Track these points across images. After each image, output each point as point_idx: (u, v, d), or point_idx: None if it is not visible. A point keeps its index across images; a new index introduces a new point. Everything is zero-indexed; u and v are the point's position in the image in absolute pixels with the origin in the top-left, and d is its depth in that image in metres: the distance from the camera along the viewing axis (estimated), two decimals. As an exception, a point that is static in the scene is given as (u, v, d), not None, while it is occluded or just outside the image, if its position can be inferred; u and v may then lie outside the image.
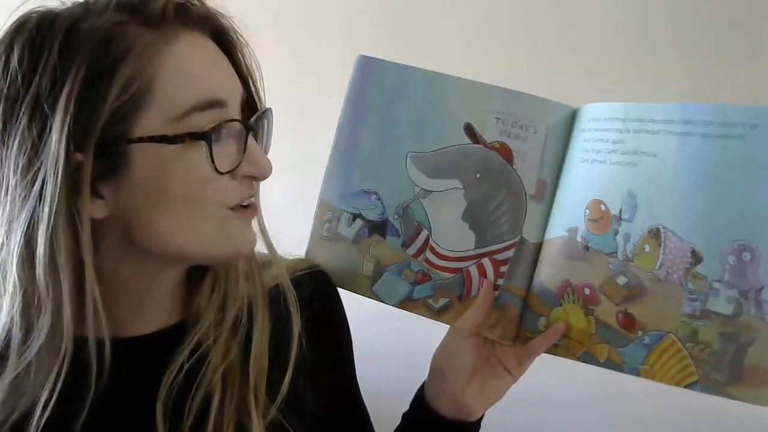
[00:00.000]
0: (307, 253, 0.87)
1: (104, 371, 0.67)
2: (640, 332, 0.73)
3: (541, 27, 1.56)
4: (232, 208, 0.69)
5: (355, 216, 0.85)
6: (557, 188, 0.79)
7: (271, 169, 0.70)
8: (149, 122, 0.64)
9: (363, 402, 0.88)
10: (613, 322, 0.74)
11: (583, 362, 0.77)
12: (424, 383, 0.85)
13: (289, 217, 0.82)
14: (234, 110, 0.69)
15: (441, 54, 1.52)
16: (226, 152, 0.67)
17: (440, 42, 1.62)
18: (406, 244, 0.83)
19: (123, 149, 0.63)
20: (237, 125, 0.67)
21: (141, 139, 0.63)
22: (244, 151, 0.68)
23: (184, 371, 0.70)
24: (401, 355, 1.33)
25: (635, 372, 0.73)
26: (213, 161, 0.64)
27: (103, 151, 0.62)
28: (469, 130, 0.81)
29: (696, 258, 0.70)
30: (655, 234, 0.72)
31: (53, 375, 0.65)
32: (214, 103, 0.66)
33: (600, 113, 0.76)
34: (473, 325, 0.80)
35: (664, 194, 0.71)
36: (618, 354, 0.74)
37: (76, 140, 0.61)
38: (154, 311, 0.74)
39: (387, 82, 0.83)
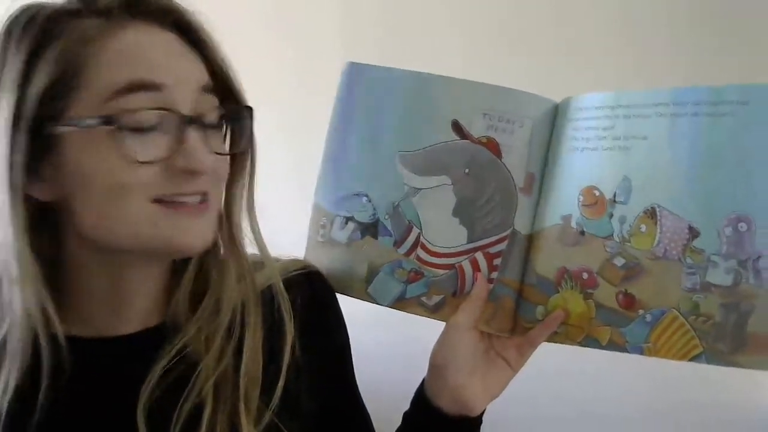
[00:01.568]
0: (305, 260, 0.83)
1: (63, 368, 0.66)
2: (641, 311, 0.69)
3: (537, 26, 1.55)
4: (158, 201, 0.64)
5: (348, 219, 0.81)
6: (546, 179, 0.76)
7: (208, 166, 0.64)
8: (80, 105, 0.62)
9: (363, 403, 0.84)
10: (613, 304, 0.71)
11: (585, 347, 0.73)
12: (423, 381, 0.80)
13: (288, 219, 0.82)
14: (180, 100, 0.64)
15: (439, 54, 1.52)
16: (156, 142, 0.63)
17: (437, 43, 1.60)
18: (397, 243, 0.79)
19: (55, 130, 0.62)
20: (174, 116, 0.63)
21: (69, 121, 0.62)
22: (182, 143, 0.63)
23: (169, 374, 0.68)
24: (400, 354, 1.28)
25: (639, 350, 0.70)
26: (126, 147, 0.61)
27: (38, 131, 0.62)
28: (456, 127, 0.80)
29: (693, 233, 0.67)
30: (651, 213, 0.69)
31: (17, 364, 0.66)
32: (145, 86, 0.62)
33: (588, 102, 0.74)
34: (469, 320, 0.76)
35: (658, 175, 0.69)
36: (620, 335, 0.70)
37: (15, 118, 0.62)
38: (134, 311, 0.72)
39: (374, 85, 0.81)
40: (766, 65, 1.37)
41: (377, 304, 0.80)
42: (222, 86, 0.69)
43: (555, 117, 0.77)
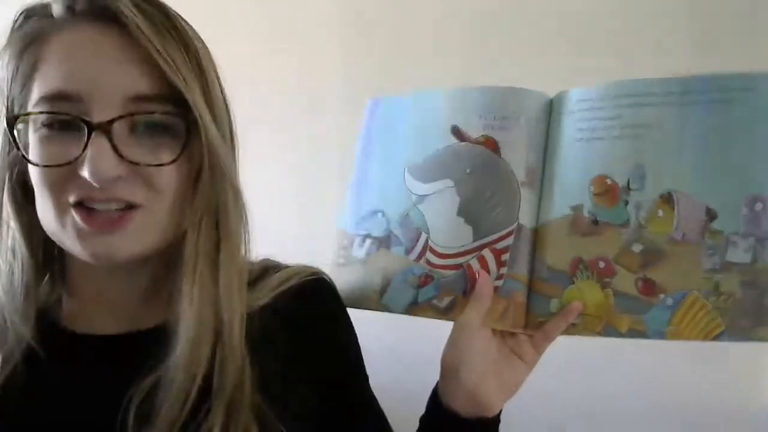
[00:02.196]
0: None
1: (55, 361, 0.68)
2: (661, 295, 0.68)
3: (538, 25, 1.54)
4: (78, 207, 0.63)
5: (366, 237, 0.82)
6: (548, 171, 0.74)
7: (98, 174, 0.61)
8: (30, 104, 0.64)
9: (379, 407, 0.81)
10: (632, 291, 0.69)
11: (604, 336, 0.70)
12: (437, 384, 0.77)
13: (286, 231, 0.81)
14: (97, 109, 0.62)
15: (439, 56, 1.54)
16: (65, 147, 0.62)
17: (438, 45, 1.60)
18: (408, 251, 0.78)
19: (20, 126, 0.65)
20: (83, 123, 0.61)
21: (20, 119, 0.65)
22: (84, 149, 0.61)
23: (163, 378, 0.65)
24: (409, 353, 1.28)
25: (661, 335, 0.68)
26: (38, 149, 0.63)
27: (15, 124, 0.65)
28: (456, 131, 0.78)
29: (711, 215, 0.67)
30: (667, 198, 0.69)
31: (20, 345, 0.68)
32: (65, 96, 0.62)
33: (590, 94, 0.74)
34: (476, 318, 0.73)
35: (671, 160, 0.69)
36: (640, 321, 0.68)
37: (7, 111, 0.66)
38: (127, 312, 0.70)
39: (388, 113, 0.85)
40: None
41: (392, 312, 0.79)
42: (177, 92, 0.64)
43: (551, 110, 0.77)
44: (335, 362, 0.76)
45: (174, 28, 0.65)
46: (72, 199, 0.63)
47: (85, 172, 0.61)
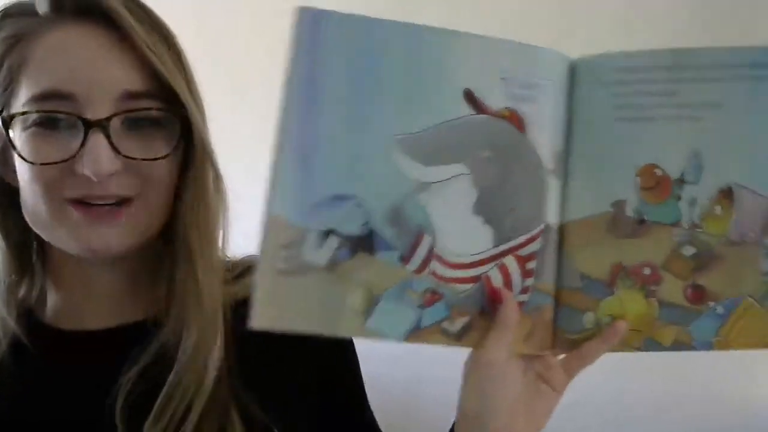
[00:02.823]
0: (257, 303, 0.55)
1: (40, 357, 0.68)
2: (711, 303, 0.59)
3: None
4: (74, 203, 0.63)
5: (328, 233, 0.56)
6: (577, 157, 0.60)
7: (98, 170, 0.61)
8: (17, 102, 0.64)
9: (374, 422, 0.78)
10: (680, 300, 0.59)
11: (644, 351, 0.61)
12: (453, 426, 0.63)
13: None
14: (91, 107, 0.62)
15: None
16: (60, 144, 0.62)
17: None
18: (404, 258, 0.57)
19: (7, 125, 0.64)
20: (80, 121, 0.61)
21: (6, 116, 0.64)
22: (83, 146, 0.61)
23: (148, 372, 0.65)
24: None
25: (708, 346, 0.60)
26: (31, 148, 0.63)
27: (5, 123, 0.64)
28: (470, 98, 0.58)
29: None
30: (727, 193, 0.59)
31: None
32: (58, 95, 0.62)
33: (634, 62, 0.59)
34: (504, 351, 0.59)
35: (736, 148, 0.58)
36: (686, 333, 0.60)
37: None
38: (110, 306, 0.70)
39: (350, 44, 0.55)
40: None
41: (385, 340, 0.59)
42: (166, 87, 0.65)
43: (573, 78, 0.61)
44: (326, 356, 0.73)
45: (157, 24, 0.67)
46: (69, 195, 0.63)
47: (85, 169, 0.61)
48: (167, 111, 0.65)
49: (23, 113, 0.62)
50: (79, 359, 0.69)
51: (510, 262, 0.60)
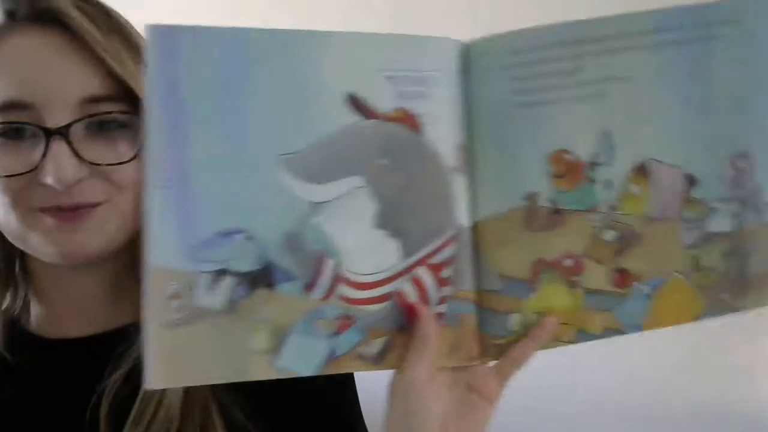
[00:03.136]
0: (150, 362, 0.49)
1: (24, 367, 0.68)
2: (637, 284, 0.56)
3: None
4: (44, 211, 0.62)
5: (220, 273, 0.51)
6: (481, 150, 0.55)
7: (61, 179, 0.59)
8: None
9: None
10: (605, 285, 0.56)
11: (577, 343, 0.57)
12: None
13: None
14: (50, 115, 0.60)
15: None
16: (24, 155, 0.61)
17: None
18: (308, 287, 0.52)
19: None
20: (40, 130, 0.60)
21: None
22: (43, 155, 0.60)
23: (131, 378, 0.64)
24: None
25: (637, 328, 0.57)
26: None
27: None
28: (355, 102, 0.53)
29: (691, 182, 0.55)
30: (642, 170, 0.55)
31: None
32: (16, 105, 0.60)
33: (530, 42, 0.53)
34: (425, 370, 0.54)
35: (646, 122, 0.54)
36: (614, 318, 0.57)
37: None
38: (91, 313, 0.69)
39: (211, 58, 0.49)
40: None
41: (297, 375, 0.54)
42: (128, 89, 0.62)
43: (469, 64, 0.55)
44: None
45: (117, 26, 0.64)
46: (38, 205, 0.62)
47: (48, 178, 0.60)
48: (130, 113, 0.62)
49: None
50: (63, 367, 0.68)
51: (423, 273, 0.55)
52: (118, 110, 0.62)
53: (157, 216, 0.49)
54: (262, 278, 0.52)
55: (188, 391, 0.64)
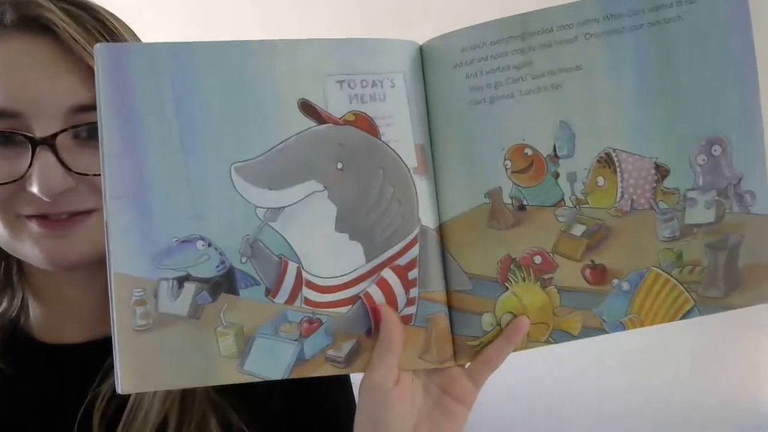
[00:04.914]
0: (119, 367, 0.51)
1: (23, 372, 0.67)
2: (615, 281, 0.53)
3: None
4: (31, 217, 0.61)
5: (182, 279, 0.52)
6: (442, 149, 0.54)
7: (48, 190, 0.58)
8: None
9: None
10: (579, 283, 0.53)
11: (555, 343, 0.55)
12: None
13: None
14: (37, 124, 0.59)
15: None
16: (11, 164, 0.59)
17: None
18: (272, 292, 0.52)
19: None
20: (26, 140, 0.58)
21: None
22: (30, 165, 0.59)
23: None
24: None
25: (620, 327, 0.54)
26: None
27: None
28: (307, 108, 0.54)
29: (662, 172, 0.52)
30: (606, 160, 0.52)
31: None
32: (3, 113, 0.59)
33: (481, 38, 0.52)
34: (390, 374, 0.53)
35: (605, 110, 0.52)
36: (594, 316, 0.53)
37: None
38: (87, 319, 0.68)
39: (160, 73, 0.50)
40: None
41: (265, 380, 0.54)
42: None
43: (423, 64, 0.55)
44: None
45: (106, 31, 0.62)
46: (25, 212, 0.61)
47: (35, 188, 0.59)
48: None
49: None
50: (58, 372, 0.68)
51: (389, 274, 0.54)
52: None
53: (116, 225, 0.51)
54: (224, 284, 0.52)
55: (185, 396, 0.63)
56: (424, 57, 0.54)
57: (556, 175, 0.53)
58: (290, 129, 0.52)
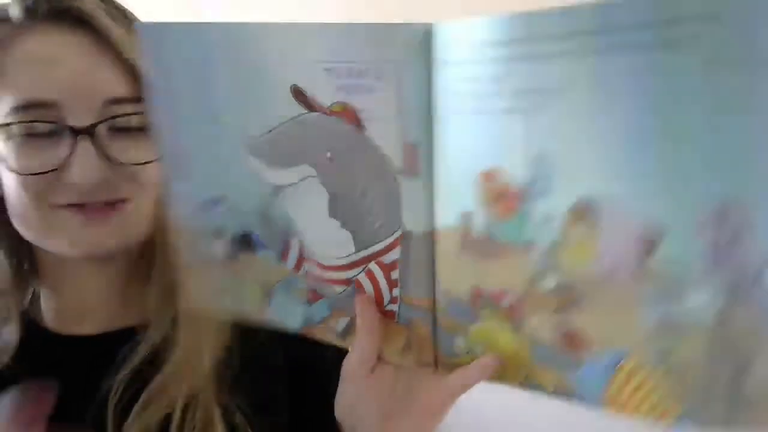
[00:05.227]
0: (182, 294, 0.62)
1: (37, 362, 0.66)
2: (594, 349, 0.43)
3: None
4: (63, 206, 0.61)
5: (216, 233, 0.58)
6: (436, 151, 0.47)
7: (87, 179, 0.60)
8: (0, 114, 0.61)
9: None
10: (552, 341, 0.45)
11: (529, 391, 0.48)
12: None
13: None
14: (74, 114, 0.60)
15: None
16: (48, 154, 0.60)
17: None
18: (281, 257, 0.56)
19: None
20: (65, 129, 0.59)
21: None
22: (69, 154, 0.60)
23: (138, 377, 0.64)
24: None
25: (596, 405, 0.44)
26: (17, 157, 0.61)
27: None
28: (298, 94, 0.52)
29: (654, 236, 0.39)
30: (585, 210, 0.41)
31: None
32: (39, 104, 0.60)
33: (467, 33, 0.42)
34: (366, 358, 0.53)
35: (592, 147, 0.39)
36: (568, 381, 0.45)
37: None
38: (102, 311, 0.69)
39: (187, 51, 0.53)
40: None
41: (284, 329, 0.59)
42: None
43: (429, 52, 0.46)
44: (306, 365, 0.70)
45: (131, 24, 0.62)
46: (60, 202, 0.62)
47: (75, 178, 0.60)
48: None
49: (6, 124, 0.61)
50: (73, 363, 0.68)
51: (375, 269, 0.52)
52: (141, 111, 0.61)
53: (167, 179, 0.59)
54: (245, 244, 0.58)
55: (190, 393, 0.64)
56: (431, 44, 0.46)
57: (528, 214, 0.43)
58: (287, 112, 0.51)
